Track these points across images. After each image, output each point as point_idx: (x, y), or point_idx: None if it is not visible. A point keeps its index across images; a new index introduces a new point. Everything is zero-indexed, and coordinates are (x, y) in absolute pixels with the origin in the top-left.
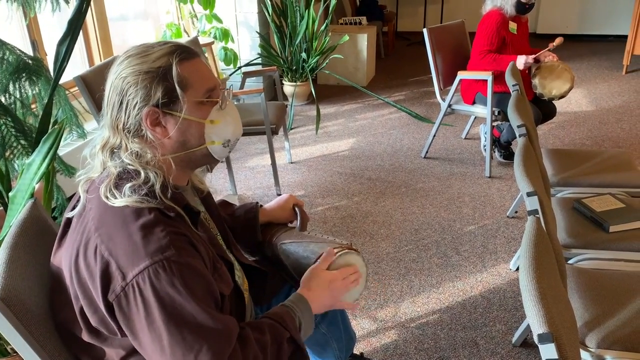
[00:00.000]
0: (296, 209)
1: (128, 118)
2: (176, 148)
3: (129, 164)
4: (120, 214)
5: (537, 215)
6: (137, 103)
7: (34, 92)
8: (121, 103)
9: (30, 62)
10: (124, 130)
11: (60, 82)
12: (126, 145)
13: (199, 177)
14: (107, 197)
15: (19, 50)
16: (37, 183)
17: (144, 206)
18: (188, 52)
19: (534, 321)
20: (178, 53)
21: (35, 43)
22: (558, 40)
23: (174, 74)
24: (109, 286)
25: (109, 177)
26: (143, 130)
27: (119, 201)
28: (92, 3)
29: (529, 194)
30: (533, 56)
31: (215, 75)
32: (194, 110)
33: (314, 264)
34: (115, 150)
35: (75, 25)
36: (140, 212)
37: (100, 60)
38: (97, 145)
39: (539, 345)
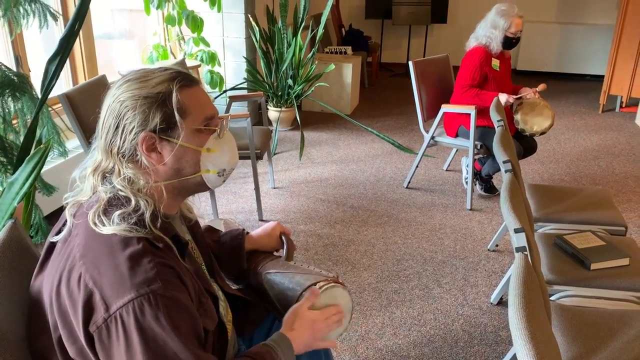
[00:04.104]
0: (283, 237)
1: (123, 142)
2: (170, 175)
3: (120, 190)
4: (107, 242)
5: (525, 253)
6: (134, 127)
7: (17, 107)
8: (117, 127)
9: (15, 78)
10: (118, 155)
11: (38, 97)
12: (119, 169)
13: (188, 205)
14: (95, 224)
15: (4, 66)
16: (18, 203)
17: (132, 235)
18: (189, 80)
19: None
20: (179, 80)
21: (19, 59)
22: (542, 86)
23: (174, 100)
24: (90, 317)
25: (98, 202)
26: (138, 156)
27: (107, 229)
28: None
29: (516, 231)
30: (514, 97)
31: None
32: (191, 138)
33: (298, 301)
34: (107, 175)
35: (67, 43)
36: (129, 241)
37: (85, 79)
38: (87, 168)
39: None
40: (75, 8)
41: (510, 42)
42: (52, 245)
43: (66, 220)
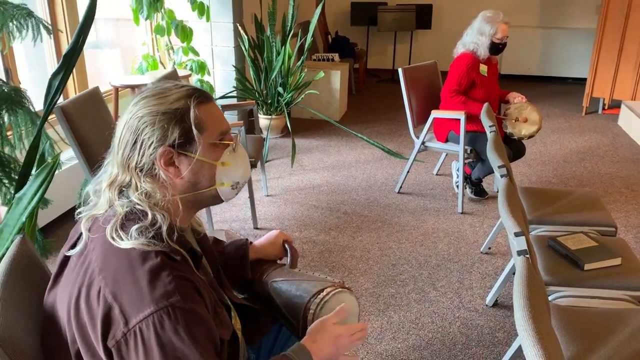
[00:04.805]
0: (286, 245)
1: (142, 157)
2: (187, 188)
3: (138, 204)
4: (126, 256)
5: (527, 256)
6: (152, 143)
7: (11, 120)
8: (135, 142)
9: (11, 92)
10: (135, 169)
11: (34, 110)
12: (137, 184)
13: (197, 219)
14: (113, 238)
15: (1, 80)
16: (26, 218)
17: (150, 249)
18: (205, 96)
19: None
20: (196, 96)
21: (10, 71)
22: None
23: (192, 116)
24: (109, 331)
25: (115, 216)
26: (156, 170)
27: (125, 243)
28: (68, 32)
29: (517, 234)
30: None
31: None
32: (208, 152)
33: (306, 307)
34: (123, 189)
35: (71, 58)
36: (147, 255)
37: (75, 90)
38: (102, 182)
39: None
40: (79, 23)
41: (497, 48)
42: (66, 259)
43: (80, 234)
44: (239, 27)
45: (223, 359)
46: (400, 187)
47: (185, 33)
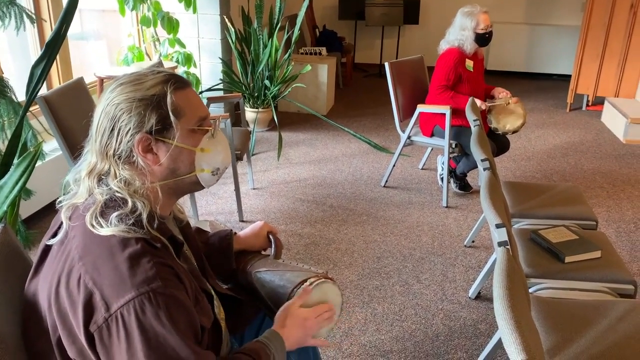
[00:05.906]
0: (271, 236)
1: (119, 144)
2: (166, 175)
3: (117, 192)
4: (106, 243)
5: (507, 247)
6: (129, 129)
7: None
8: (112, 129)
9: None
10: (114, 157)
11: (17, 100)
12: (115, 171)
13: (179, 207)
14: (92, 226)
15: None
16: (8, 207)
17: (130, 236)
18: (182, 82)
19: (512, 349)
20: (172, 82)
21: None
22: (514, 100)
23: (169, 102)
24: (91, 317)
25: (95, 204)
26: (134, 157)
27: (105, 230)
28: (52, 21)
29: (498, 226)
30: (487, 104)
31: None
32: (186, 138)
33: (289, 297)
34: (102, 177)
35: (53, 47)
36: (127, 242)
37: (60, 81)
38: (82, 170)
39: None
40: (62, 11)
41: (483, 38)
42: (47, 248)
43: (61, 223)
44: (226, 19)
45: (203, 347)
46: (386, 181)
47: (171, 24)
